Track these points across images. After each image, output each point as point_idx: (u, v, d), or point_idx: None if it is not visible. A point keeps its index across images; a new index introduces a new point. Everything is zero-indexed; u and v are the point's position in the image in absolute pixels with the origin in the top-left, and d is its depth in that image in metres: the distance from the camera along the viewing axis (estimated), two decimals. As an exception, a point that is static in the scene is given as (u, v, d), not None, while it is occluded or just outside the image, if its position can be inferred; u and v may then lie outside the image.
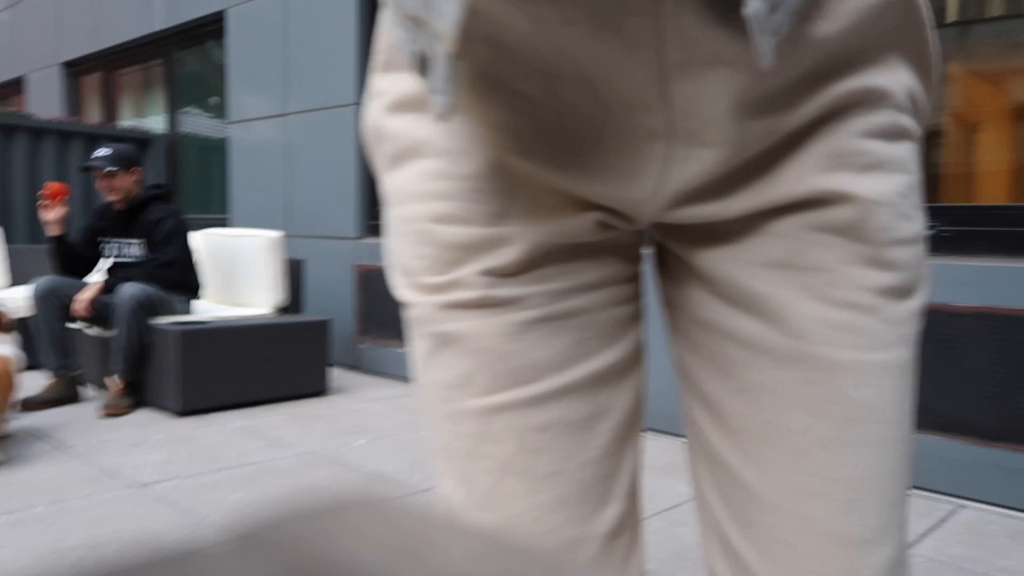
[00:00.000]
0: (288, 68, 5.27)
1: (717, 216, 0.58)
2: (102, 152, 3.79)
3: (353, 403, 3.99)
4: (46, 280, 3.76)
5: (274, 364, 3.89)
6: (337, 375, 4.69)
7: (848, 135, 0.55)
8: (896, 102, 0.56)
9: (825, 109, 0.55)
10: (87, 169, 3.80)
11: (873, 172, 0.56)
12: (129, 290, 3.64)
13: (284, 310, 4.28)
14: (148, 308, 3.68)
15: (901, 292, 0.57)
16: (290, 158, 5.30)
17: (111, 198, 3.84)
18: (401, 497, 2.48)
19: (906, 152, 0.58)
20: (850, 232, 0.56)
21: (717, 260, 0.60)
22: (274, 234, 4.26)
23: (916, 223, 0.58)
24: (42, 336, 3.73)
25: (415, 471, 2.89)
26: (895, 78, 0.56)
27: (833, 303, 0.56)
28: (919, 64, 0.58)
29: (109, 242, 3.97)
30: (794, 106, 0.54)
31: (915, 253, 0.58)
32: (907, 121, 0.58)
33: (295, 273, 4.36)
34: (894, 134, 0.57)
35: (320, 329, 4.09)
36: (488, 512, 0.66)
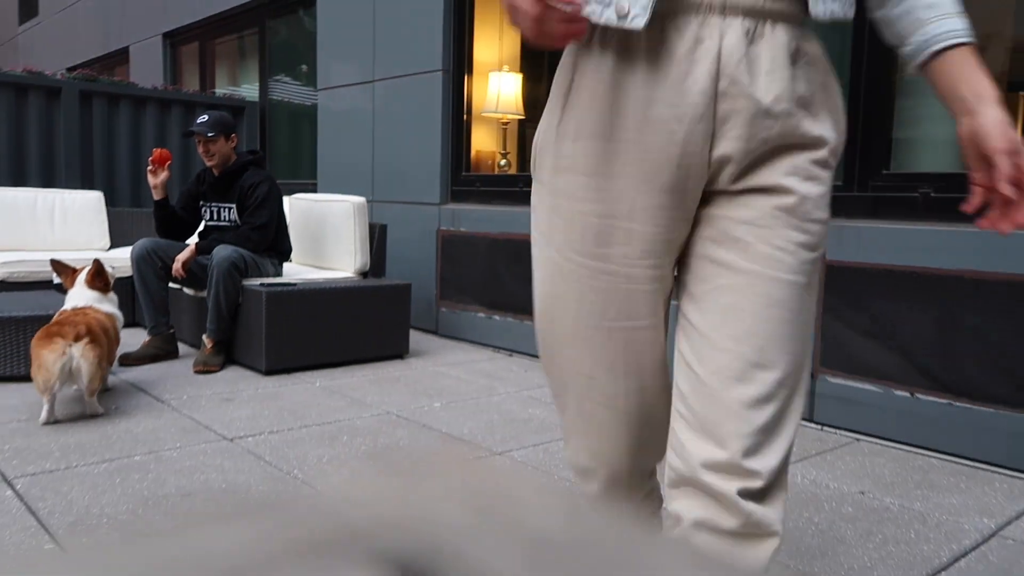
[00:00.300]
0: (376, 35, 5.31)
1: (726, 188, 1.06)
2: (202, 118, 3.94)
3: (431, 366, 4.05)
4: (145, 241, 3.94)
5: (356, 326, 3.98)
6: (416, 338, 4.77)
7: (802, 159, 1.05)
8: (829, 146, 1.07)
9: (795, 140, 1.04)
10: (189, 134, 3.97)
11: (810, 181, 1.05)
12: (223, 252, 3.77)
13: (367, 274, 4.36)
14: (241, 270, 3.81)
15: (810, 247, 1.05)
16: (377, 124, 5.36)
17: (209, 163, 4.01)
18: (483, 458, 2.48)
19: (828, 175, 1.08)
20: (790, 210, 1.04)
21: (714, 215, 1.07)
22: (358, 199, 4.33)
23: (824, 213, 1.07)
24: (141, 295, 3.92)
25: (491, 433, 2.90)
26: (828, 131, 1.07)
27: (774, 246, 1.03)
28: (837, 121, 1.10)
29: (207, 206, 4.12)
30: (782, 129, 1.02)
31: (822, 228, 1.06)
32: (831, 158, 1.08)
33: (378, 238, 4.43)
34: (824, 164, 1.07)
35: (402, 293, 4.15)
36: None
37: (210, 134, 3.89)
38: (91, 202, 5.24)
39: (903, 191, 2.97)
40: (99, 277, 3.20)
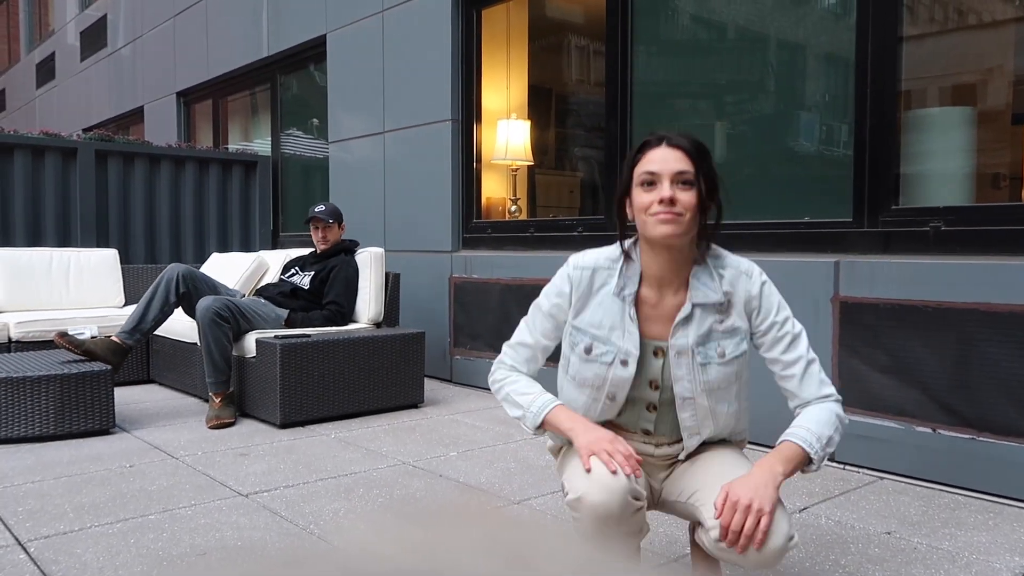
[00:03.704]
0: (385, 87, 5.40)
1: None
2: (321, 208, 4.32)
3: (447, 414, 4.02)
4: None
5: (371, 376, 3.97)
6: (431, 386, 4.74)
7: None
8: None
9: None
10: (310, 220, 4.33)
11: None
12: (204, 303, 3.77)
13: (380, 323, 4.36)
14: (225, 318, 3.79)
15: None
16: (388, 175, 5.43)
17: (322, 247, 4.36)
18: (504, 507, 2.45)
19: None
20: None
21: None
22: (376, 250, 4.37)
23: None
24: (146, 296, 3.91)
25: (508, 482, 2.87)
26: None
27: None
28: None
29: (296, 271, 4.39)
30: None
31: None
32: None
33: (392, 286, 4.45)
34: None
35: (415, 342, 4.15)
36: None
37: (330, 221, 4.30)
38: (106, 260, 5.31)
39: (913, 225, 2.96)
40: None
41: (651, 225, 1.59)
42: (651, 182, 1.60)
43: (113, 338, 3.79)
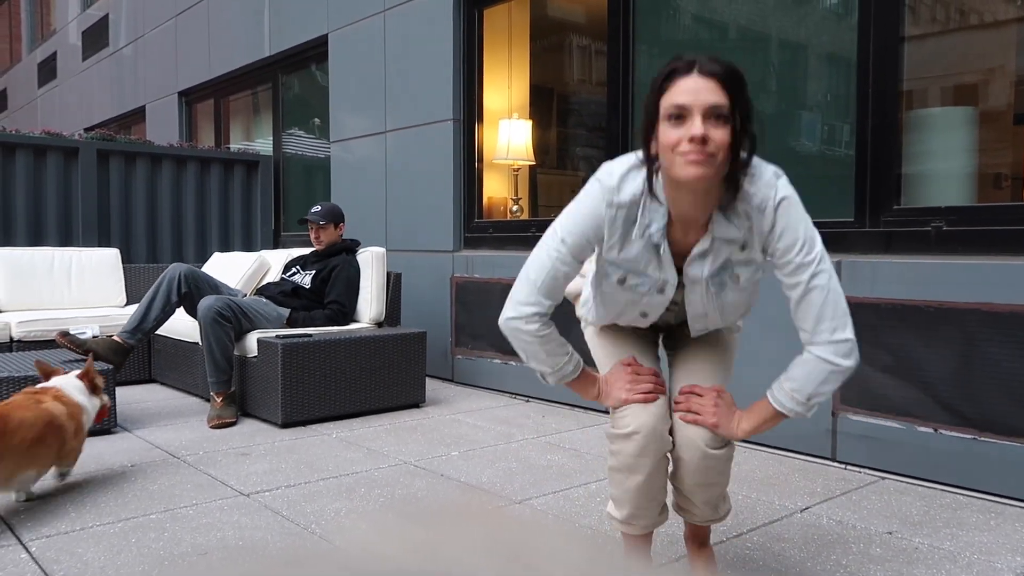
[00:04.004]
0: (387, 87, 5.40)
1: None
2: (316, 209, 4.29)
3: (448, 414, 4.02)
4: (186, 268, 4.02)
5: (372, 376, 3.97)
6: (432, 386, 4.75)
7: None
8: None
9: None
10: (303, 221, 4.32)
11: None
12: (206, 302, 3.77)
13: (382, 323, 4.36)
14: (227, 318, 3.80)
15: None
16: (389, 175, 5.43)
17: (317, 247, 4.35)
18: (505, 507, 2.45)
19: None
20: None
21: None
22: (377, 249, 4.37)
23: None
24: (146, 304, 3.92)
25: (510, 481, 2.87)
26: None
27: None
28: None
29: (296, 268, 4.38)
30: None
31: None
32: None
33: (393, 286, 4.45)
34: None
35: (417, 341, 4.15)
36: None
37: (322, 222, 4.25)
38: (107, 259, 5.31)
39: (915, 225, 2.96)
40: (91, 377, 2.88)
41: (679, 166, 1.43)
42: (679, 116, 1.43)
43: (115, 338, 3.79)
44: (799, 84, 3.66)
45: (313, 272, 4.28)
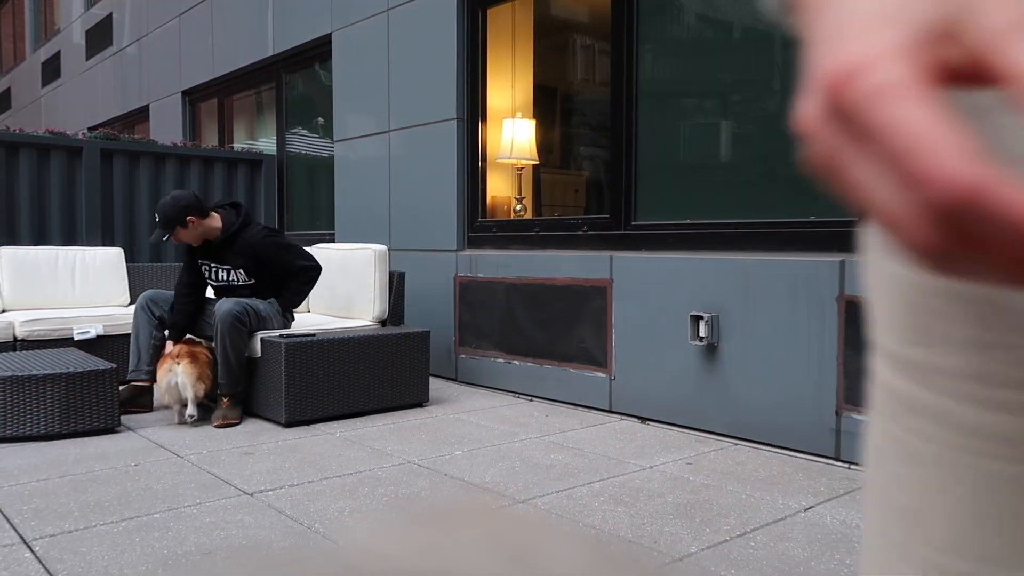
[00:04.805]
0: (390, 87, 5.40)
1: None
2: (157, 219, 3.89)
3: (452, 413, 4.02)
4: (150, 292, 4.02)
5: (376, 375, 3.97)
6: (436, 385, 4.74)
7: None
8: None
9: None
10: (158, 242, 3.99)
11: None
12: (224, 306, 3.78)
13: (385, 322, 4.36)
14: (244, 323, 3.81)
15: None
16: (393, 174, 5.42)
17: (195, 245, 4.00)
18: (509, 506, 2.43)
19: None
20: None
21: None
22: (379, 247, 4.37)
23: None
24: (132, 341, 3.99)
25: (513, 480, 2.86)
26: None
27: None
28: None
29: (208, 267, 4.07)
30: None
31: None
32: None
33: (396, 285, 4.45)
34: None
35: (421, 340, 4.14)
36: None
37: (164, 238, 3.88)
38: (111, 258, 5.31)
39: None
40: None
41: None
42: None
43: (132, 384, 3.95)
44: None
45: (239, 267, 3.99)
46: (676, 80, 4.00)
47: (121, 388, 3.85)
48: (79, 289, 5.09)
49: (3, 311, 4.78)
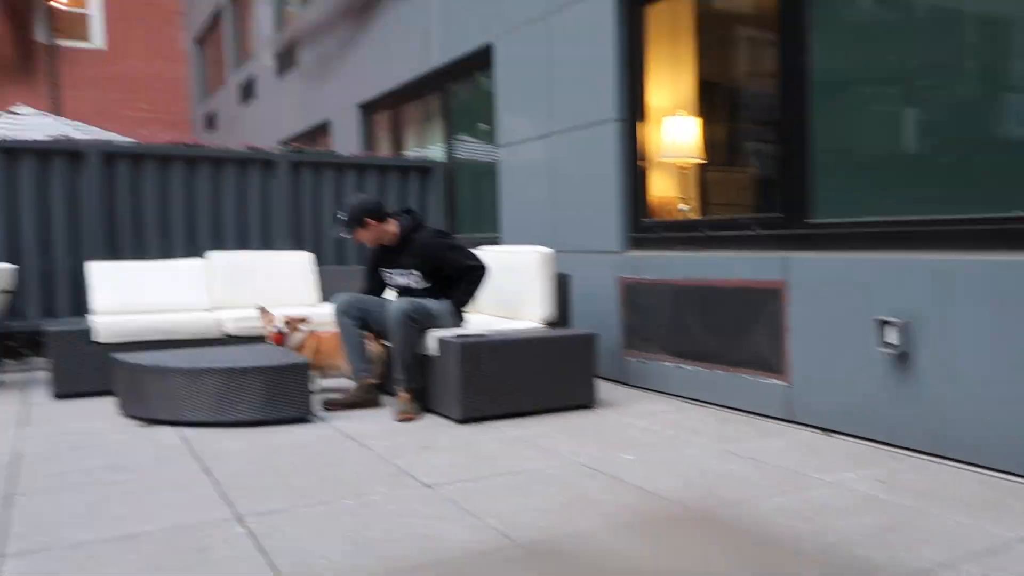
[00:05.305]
0: (551, 90, 5.48)
1: None
2: (340, 215, 4.33)
3: (620, 416, 4.02)
4: (346, 295, 4.27)
5: (544, 376, 4.05)
6: (603, 388, 4.76)
7: None
8: None
9: None
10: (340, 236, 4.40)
11: None
12: (396, 304, 4.01)
13: (552, 323, 4.44)
14: (416, 320, 4.01)
15: None
16: (554, 176, 5.51)
17: (372, 246, 4.42)
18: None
19: None
20: None
21: None
22: (546, 250, 4.45)
23: None
24: (343, 344, 4.24)
25: (688, 488, 2.83)
26: None
27: None
28: None
29: (389, 273, 4.39)
30: None
31: None
32: None
33: (562, 287, 4.51)
34: None
35: (587, 343, 4.18)
36: None
37: (345, 235, 4.33)
38: (302, 262, 5.77)
39: None
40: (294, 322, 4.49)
41: None
42: None
43: (362, 383, 4.22)
44: (999, 63, 3.33)
45: (414, 270, 4.26)
46: (854, 67, 3.77)
47: (350, 391, 4.23)
48: (276, 289, 5.57)
49: (212, 308, 5.31)
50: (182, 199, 5.93)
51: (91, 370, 4.56)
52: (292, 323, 4.48)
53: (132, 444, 3.52)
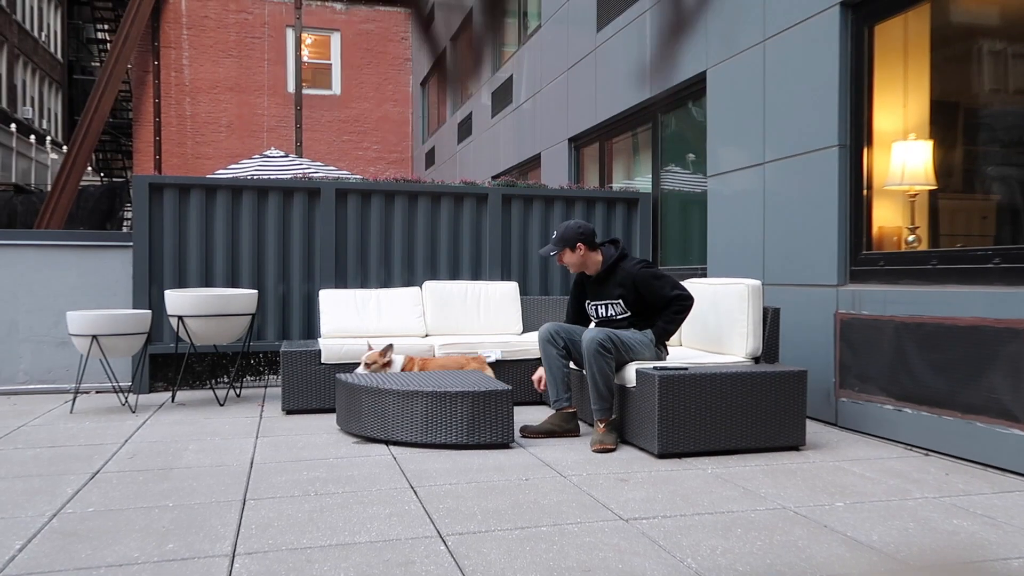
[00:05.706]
0: (766, 117, 5.30)
1: None
2: (555, 235, 4.39)
3: (831, 460, 3.75)
4: (549, 325, 4.38)
5: (748, 413, 3.88)
6: (812, 429, 4.47)
7: None
8: None
9: None
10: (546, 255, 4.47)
11: None
12: (589, 334, 4.03)
13: (758, 359, 4.25)
14: (608, 349, 4.01)
15: None
16: (768, 206, 5.30)
17: (573, 271, 4.48)
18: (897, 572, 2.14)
19: None
20: None
21: None
22: (752, 282, 4.29)
23: None
24: (545, 372, 4.34)
25: (907, 544, 2.58)
26: None
27: None
28: None
29: (592, 305, 4.46)
30: None
31: None
32: None
33: (771, 321, 4.31)
34: None
35: (797, 380, 3.96)
36: None
37: (552, 253, 4.34)
38: (509, 291, 5.99)
39: None
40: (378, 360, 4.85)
41: None
42: None
43: (560, 411, 4.30)
44: None
45: (617, 302, 4.30)
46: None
47: (547, 418, 4.32)
48: (483, 318, 5.84)
49: (427, 335, 5.67)
50: (402, 231, 6.40)
51: (317, 388, 5.04)
52: (376, 360, 4.81)
53: (348, 459, 3.83)
